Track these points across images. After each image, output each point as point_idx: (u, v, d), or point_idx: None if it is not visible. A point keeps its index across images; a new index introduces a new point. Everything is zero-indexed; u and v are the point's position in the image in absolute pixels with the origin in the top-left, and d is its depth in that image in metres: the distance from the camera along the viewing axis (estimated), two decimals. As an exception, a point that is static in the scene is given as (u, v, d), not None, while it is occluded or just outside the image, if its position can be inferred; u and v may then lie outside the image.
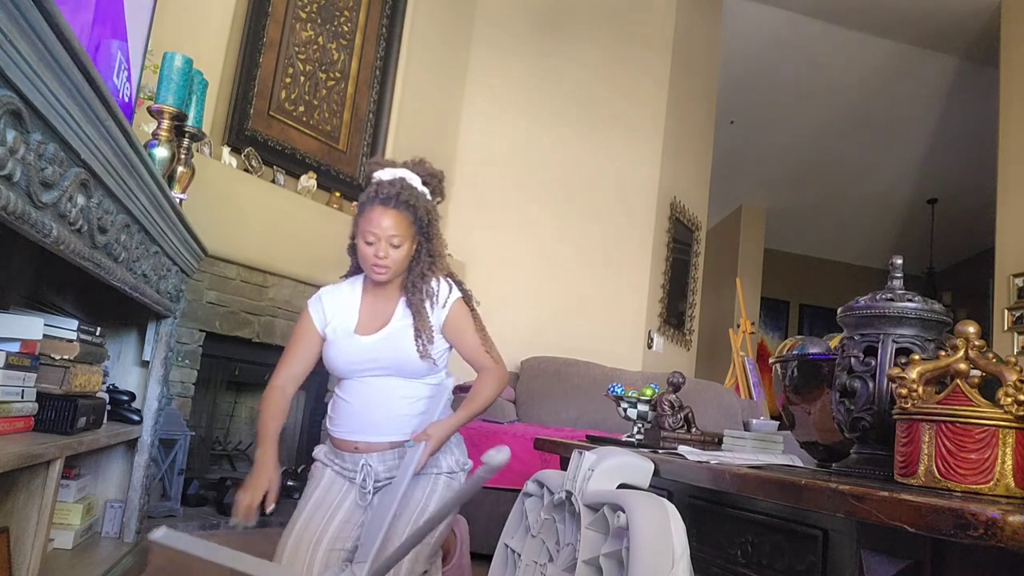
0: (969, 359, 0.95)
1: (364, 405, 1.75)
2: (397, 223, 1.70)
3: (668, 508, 1.11)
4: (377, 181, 1.75)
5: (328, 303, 1.82)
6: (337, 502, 1.74)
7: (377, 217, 1.70)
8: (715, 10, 6.02)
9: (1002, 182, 5.44)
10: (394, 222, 1.70)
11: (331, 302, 1.82)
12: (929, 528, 0.76)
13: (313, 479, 1.81)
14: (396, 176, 1.75)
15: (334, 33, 4.00)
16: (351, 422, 1.76)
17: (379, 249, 1.70)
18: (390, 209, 1.70)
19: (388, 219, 1.70)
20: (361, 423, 1.75)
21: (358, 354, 1.75)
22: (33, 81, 0.93)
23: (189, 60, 2.24)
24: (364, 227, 1.71)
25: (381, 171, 1.78)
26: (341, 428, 1.77)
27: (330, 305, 1.81)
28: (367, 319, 1.79)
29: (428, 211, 1.77)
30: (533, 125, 5.02)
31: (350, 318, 1.79)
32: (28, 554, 1.45)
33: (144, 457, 2.19)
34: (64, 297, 1.97)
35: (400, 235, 1.71)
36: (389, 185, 1.72)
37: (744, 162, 7.88)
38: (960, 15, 6.07)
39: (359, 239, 1.73)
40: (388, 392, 1.75)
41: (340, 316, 1.80)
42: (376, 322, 1.78)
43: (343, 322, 1.79)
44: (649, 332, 5.07)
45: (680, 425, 1.98)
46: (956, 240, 8.81)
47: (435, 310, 1.78)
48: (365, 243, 1.71)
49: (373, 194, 1.73)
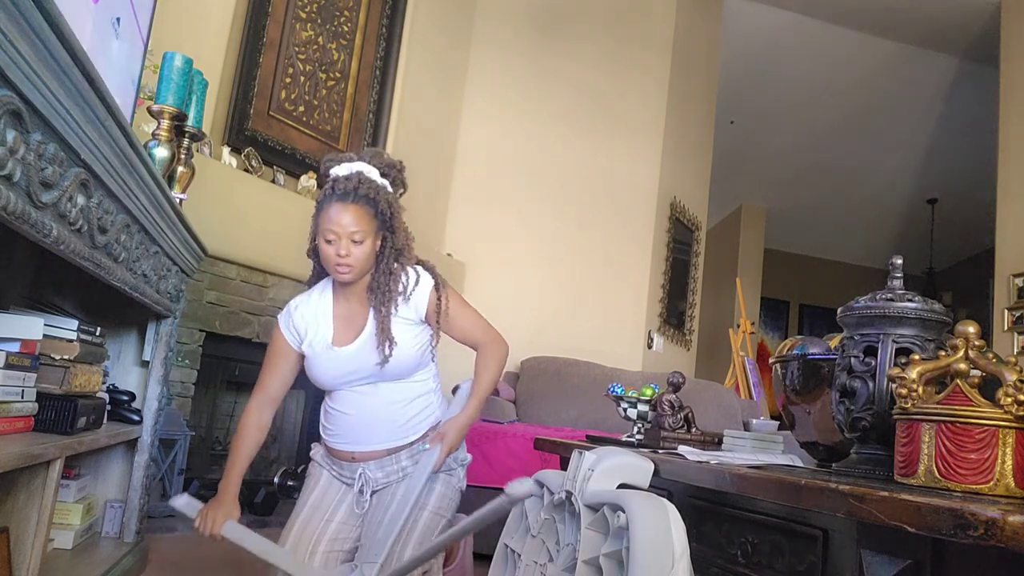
0: (969, 359, 0.95)
1: (357, 415, 1.70)
2: (358, 218, 1.61)
3: (668, 508, 1.11)
4: (333, 177, 1.65)
5: (299, 318, 1.73)
6: (335, 503, 1.72)
7: (336, 214, 1.61)
8: (715, 10, 6.02)
9: (1002, 182, 5.44)
10: (354, 217, 1.61)
11: (302, 317, 1.73)
12: (929, 528, 0.76)
13: (311, 479, 1.80)
14: (353, 171, 1.66)
15: (334, 33, 4.00)
16: (346, 433, 1.73)
17: (340, 247, 1.61)
18: (349, 204, 1.61)
19: (347, 215, 1.61)
20: (356, 434, 1.72)
21: (339, 367, 1.69)
22: (33, 81, 0.93)
23: (189, 60, 2.24)
24: (323, 226, 1.62)
25: (337, 167, 1.69)
26: (336, 439, 1.74)
27: (301, 320, 1.73)
28: (342, 328, 1.71)
29: (389, 203, 1.68)
30: (533, 125, 5.02)
31: (325, 330, 1.71)
32: (28, 554, 1.45)
33: (144, 457, 2.19)
34: (64, 297, 1.97)
35: (362, 230, 1.61)
36: (346, 180, 1.63)
37: (744, 162, 7.88)
38: (960, 15, 6.07)
39: (319, 239, 1.64)
40: (379, 399, 1.71)
41: (314, 329, 1.71)
42: (351, 331, 1.70)
43: (318, 335, 1.71)
44: (649, 332, 5.07)
45: (680, 425, 1.98)
46: (956, 240, 8.81)
47: (409, 304, 1.70)
48: (325, 242, 1.62)
49: (330, 191, 1.63)
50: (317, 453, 1.83)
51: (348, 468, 1.74)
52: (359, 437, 1.71)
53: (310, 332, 1.72)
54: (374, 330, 1.67)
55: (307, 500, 1.73)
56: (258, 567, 1.64)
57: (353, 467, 1.73)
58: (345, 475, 1.75)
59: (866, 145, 7.72)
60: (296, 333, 1.73)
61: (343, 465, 1.75)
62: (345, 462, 1.74)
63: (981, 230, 7.17)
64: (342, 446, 1.74)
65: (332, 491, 1.74)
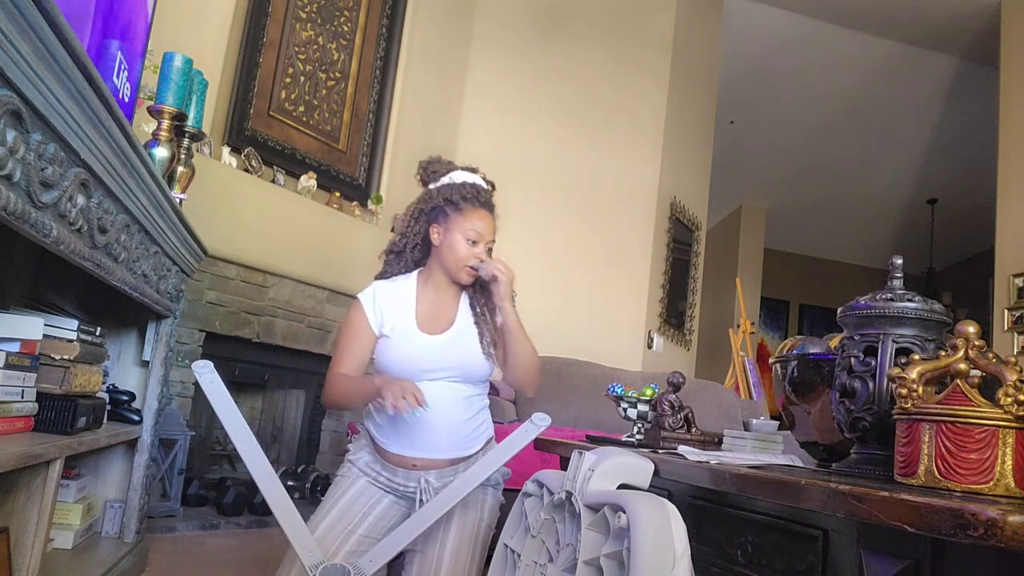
0: (969, 359, 0.95)
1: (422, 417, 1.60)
2: (493, 229, 1.71)
3: (669, 508, 1.11)
4: (471, 183, 1.73)
5: (383, 300, 1.70)
6: (362, 515, 1.64)
7: (482, 220, 1.69)
8: (715, 10, 6.02)
9: (1002, 182, 5.44)
10: (492, 227, 1.71)
11: (386, 299, 1.71)
12: (929, 528, 0.76)
13: (343, 480, 1.69)
14: (479, 181, 1.75)
15: (334, 33, 4.00)
16: (408, 436, 1.64)
17: (480, 250, 1.68)
18: (489, 214, 1.71)
19: (489, 224, 1.70)
20: (420, 439, 1.64)
21: (424, 355, 1.65)
22: (33, 81, 0.93)
23: (189, 60, 2.24)
24: (468, 226, 1.67)
25: (455, 172, 1.76)
26: (394, 443, 1.65)
27: (385, 302, 1.70)
28: (427, 319, 1.70)
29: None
30: (533, 125, 5.02)
31: (409, 316, 1.69)
32: (28, 554, 1.45)
33: (144, 457, 2.19)
34: (64, 297, 1.97)
35: (493, 241, 1.72)
36: (484, 190, 1.73)
37: (744, 162, 7.88)
38: (960, 15, 6.07)
39: (456, 235, 1.67)
40: (449, 401, 1.66)
41: (397, 314, 1.69)
42: (440, 322, 1.70)
43: (400, 319, 1.69)
44: (649, 332, 5.07)
45: (680, 425, 1.98)
46: (956, 240, 8.81)
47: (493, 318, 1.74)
48: (468, 241, 1.67)
49: (471, 195, 1.70)
50: (361, 459, 1.70)
51: (405, 476, 1.65)
52: (422, 443, 1.65)
53: (394, 316, 1.70)
54: (464, 327, 1.71)
55: (335, 504, 1.65)
56: (258, 567, 1.64)
57: (413, 475, 1.65)
58: (398, 483, 1.66)
59: (866, 145, 7.72)
60: (380, 313, 1.70)
61: (397, 472, 1.66)
62: (402, 469, 1.65)
63: (981, 230, 7.17)
64: (403, 451, 1.65)
65: (362, 500, 1.65)
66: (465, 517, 1.64)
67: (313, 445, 4.00)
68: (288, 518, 1.47)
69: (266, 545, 2.82)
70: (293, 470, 3.61)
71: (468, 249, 1.68)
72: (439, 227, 1.71)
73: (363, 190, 4.14)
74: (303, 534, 1.47)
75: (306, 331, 3.72)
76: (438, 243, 1.71)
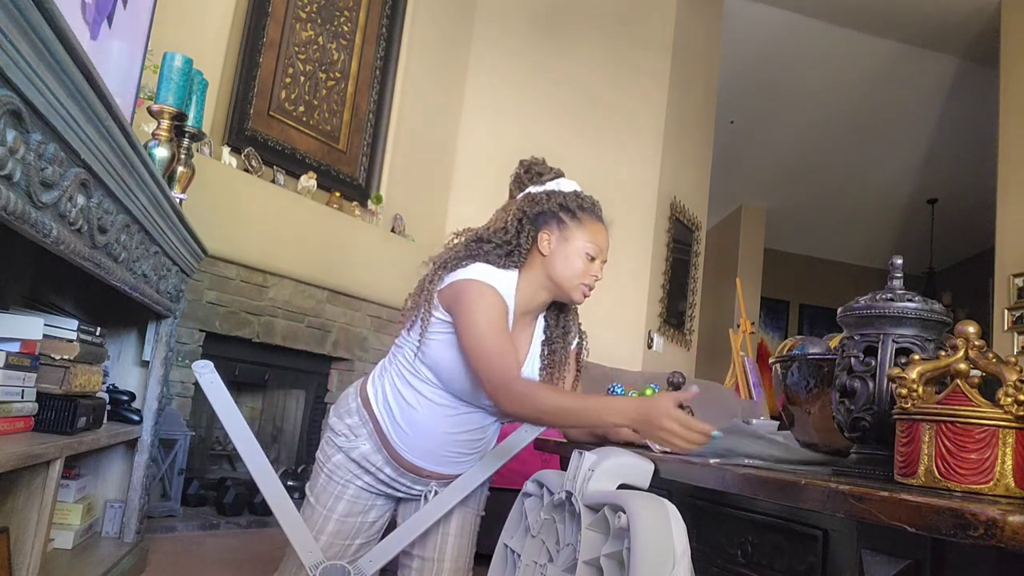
0: (969, 359, 0.95)
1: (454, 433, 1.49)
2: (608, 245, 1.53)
3: (669, 508, 1.11)
4: (585, 194, 1.57)
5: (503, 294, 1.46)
6: (358, 524, 1.57)
7: (603, 234, 1.52)
8: (715, 10, 6.02)
9: (1002, 182, 5.44)
10: (608, 245, 1.54)
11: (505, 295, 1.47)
12: (929, 528, 0.76)
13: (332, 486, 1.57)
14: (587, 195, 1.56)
15: (334, 33, 4.00)
16: (436, 455, 1.52)
17: (597, 268, 1.50)
18: (607, 230, 1.55)
19: (607, 240, 1.54)
20: (448, 458, 1.53)
21: None
22: (33, 81, 0.93)
23: (189, 60, 2.24)
24: (588, 238, 1.50)
25: (563, 180, 1.61)
26: (417, 455, 1.52)
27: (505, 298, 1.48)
28: (514, 334, 1.49)
29: None
30: (533, 125, 5.01)
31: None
32: (28, 554, 1.45)
33: (144, 457, 2.19)
34: (64, 297, 1.97)
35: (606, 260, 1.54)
36: (599, 203, 1.57)
37: (744, 162, 7.88)
38: (960, 15, 6.07)
39: (575, 245, 1.48)
40: (492, 431, 1.57)
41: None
42: (521, 343, 1.51)
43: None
44: (649, 332, 5.07)
45: (680, 425, 1.97)
46: (956, 240, 8.81)
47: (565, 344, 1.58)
48: (587, 256, 1.50)
49: (590, 205, 1.54)
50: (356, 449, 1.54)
51: (412, 480, 1.55)
52: (449, 462, 1.54)
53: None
54: (535, 352, 1.55)
55: (331, 516, 1.55)
56: (258, 567, 1.64)
57: (421, 481, 1.56)
58: (399, 483, 1.56)
59: (866, 145, 7.72)
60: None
61: (405, 475, 1.54)
62: (412, 474, 1.54)
63: (981, 230, 7.17)
64: (417, 461, 1.52)
65: (356, 510, 1.56)
66: (464, 512, 1.64)
67: (313, 445, 3.99)
68: (288, 518, 1.47)
69: (266, 545, 2.82)
70: (293, 470, 3.61)
71: (586, 264, 1.49)
72: (550, 234, 1.50)
73: (363, 190, 4.14)
74: (303, 534, 1.47)
75: (306, 331, 3.72)
76: (548, 252, 1.50)
